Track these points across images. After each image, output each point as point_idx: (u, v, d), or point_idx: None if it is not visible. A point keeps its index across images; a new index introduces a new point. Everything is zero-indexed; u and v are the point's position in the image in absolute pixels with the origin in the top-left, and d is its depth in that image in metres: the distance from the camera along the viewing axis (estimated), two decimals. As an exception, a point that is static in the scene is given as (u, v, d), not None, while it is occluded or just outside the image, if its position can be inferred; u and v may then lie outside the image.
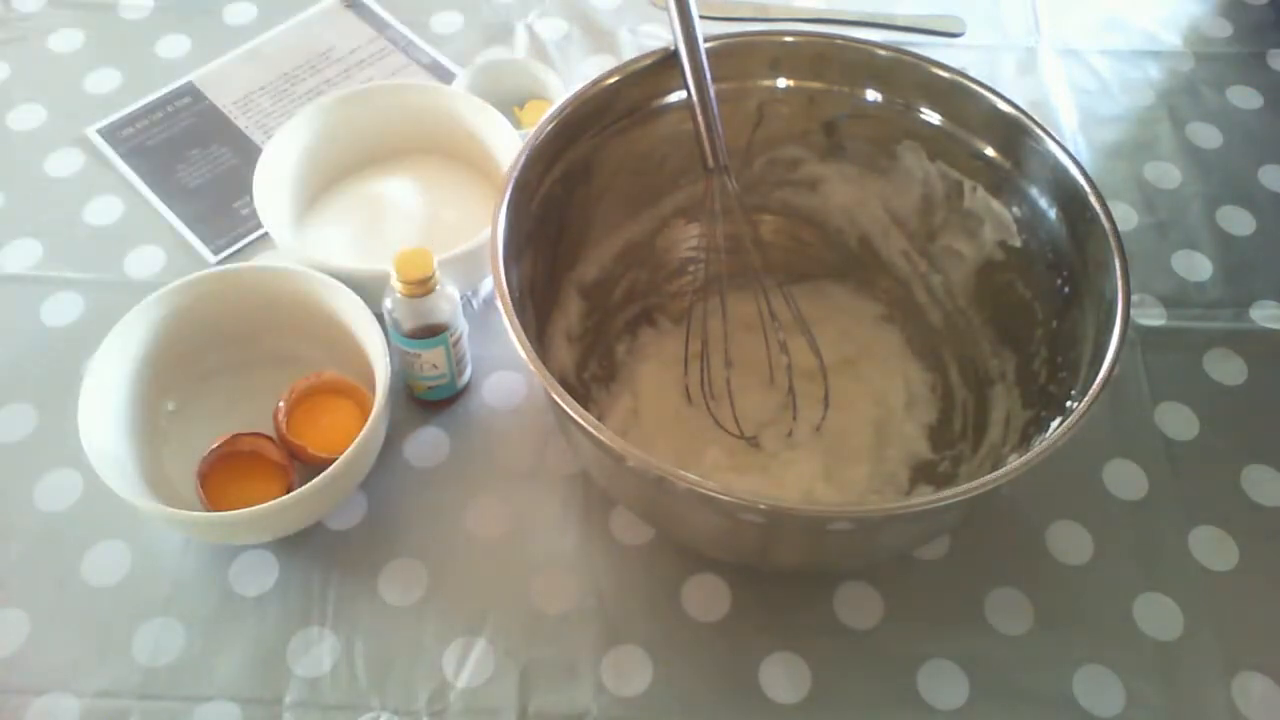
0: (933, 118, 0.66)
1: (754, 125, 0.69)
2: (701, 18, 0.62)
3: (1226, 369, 0.73)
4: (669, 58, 0.64)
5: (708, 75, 0.59)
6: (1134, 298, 0.55)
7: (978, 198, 0.66)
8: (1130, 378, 0.72)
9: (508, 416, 0.70)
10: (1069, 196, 0.60)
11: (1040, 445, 0.51)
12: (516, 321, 0.54)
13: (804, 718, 0.59)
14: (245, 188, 0.72)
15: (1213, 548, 0.65)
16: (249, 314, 0.68)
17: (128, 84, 0.87)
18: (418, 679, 0.60)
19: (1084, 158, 0.83)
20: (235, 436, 0.63)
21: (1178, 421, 0.70)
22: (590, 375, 0.69)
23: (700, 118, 0.60)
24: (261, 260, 0.75)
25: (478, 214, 0.75)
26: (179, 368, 0.67)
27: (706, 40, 0.62)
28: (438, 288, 0.62)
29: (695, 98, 0.60)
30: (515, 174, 0.59)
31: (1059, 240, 0.61)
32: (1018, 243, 0.65)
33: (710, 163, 0.61)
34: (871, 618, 0.62)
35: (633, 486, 0.59)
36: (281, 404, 0.64)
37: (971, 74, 0.64)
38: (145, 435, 0.65)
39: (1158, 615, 0.62)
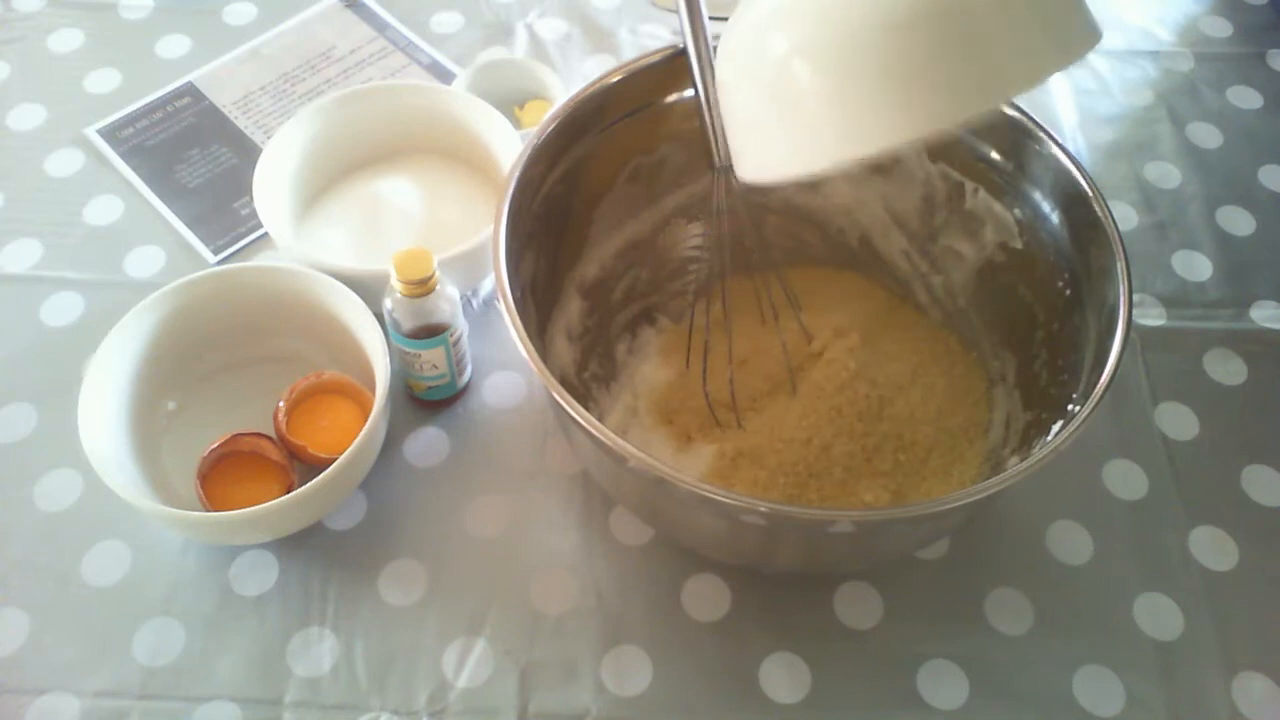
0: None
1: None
2: (711, 18, 0.62)
3: (1226, 369, 0.73)
4: (670, 57, 0.64)
5: (715, 74, 0.59)
6: (1134, 298, 0.55)
7: (979, 199, 0.66)
8: (1130, 378, 0.72)
9: (508, 416, 0.70)
10: (1071, 200, 0.60)
11: (1042, 452, 0.50)
12: (519, 320, 0.54)
13: (804, 718, 0.59)
14: (245, 188, 0.72)
15: (1213, 548, 0.65)
16: (249, 314, 0.68)
17: (128, 84, 0.87)
18: (418, 679, 0.60)
19: (1084, 157, 0.83)
20: (235, 436, 0.63)
21: (1178, 421, 0.70)
22: (590, 375, 0.69)
23: (708, 115, 0.60)
24: (261, 260, 0.76)
25: (478, 214, 0.75)
26: (179, 368, 0.67)
27: (714, 39, 0.62)
28: (438, 288, 0.62)
29: (703, 96, 0.60)
30: (517, 173, 0.59)
31: (1061, 243, 0.61)
32: (1019, 245, 0.65)
33: (717, 161, 0.61)
34: (871, 618, 0.62)
35: (633, 487, 0.59)
36: (281, 404, 0.64)
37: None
38: (145, 435, 0.65)
39: (1158, 615, 0.62)
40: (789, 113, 0.49)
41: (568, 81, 0.84)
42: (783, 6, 0.49)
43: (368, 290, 0.65)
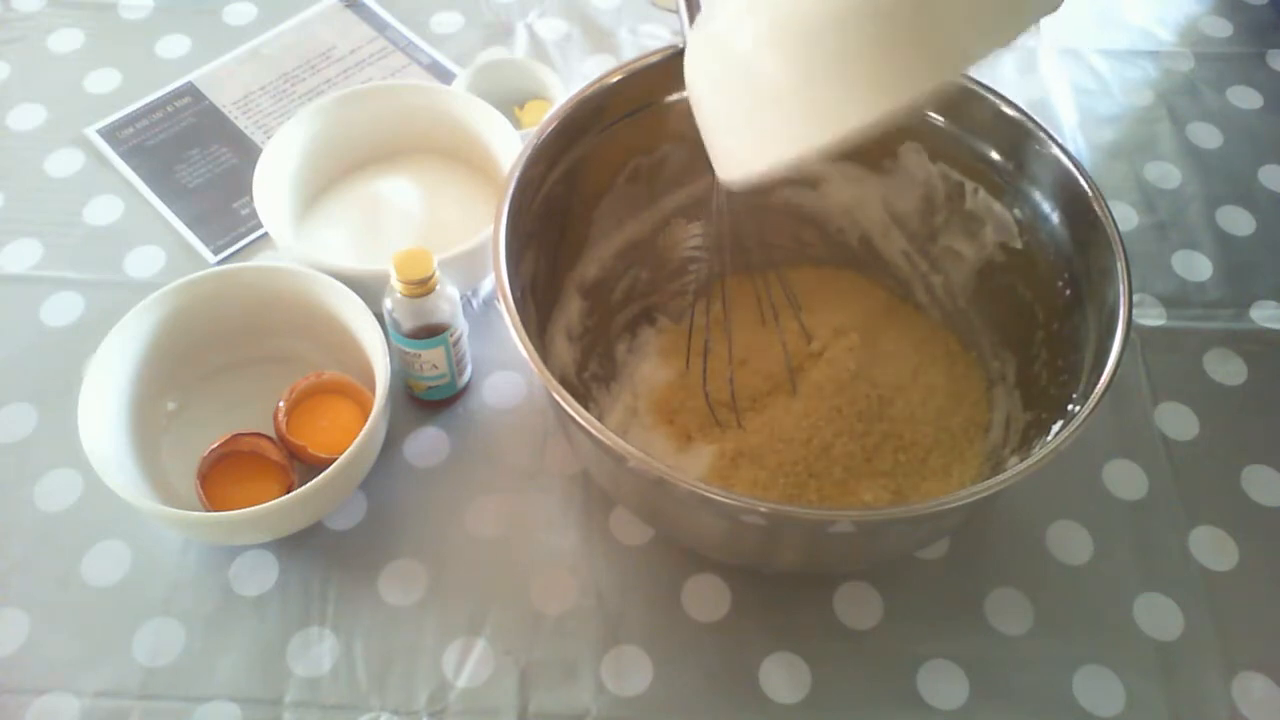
0: (936, 119, 0.65)
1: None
2: None
3: (1226, 369, 0.73)
4: (670, 57, 0.64)
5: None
6: (1134, 298, 0.55)
7: (979, 199, 0.66)
8: (1130, 378, 0.72)
9: (508, 416, 0.70)
10: (1072, 200, 0.60)
11: (1041, 452, 0.50)
12: (519, 320, 0.54)
13: (804, 718, 0.59)
14: (245, 188, 0.72)
15: (1213, 548, 0.65)
16: (249, 314, 0.68)
17: (128, 84, 0.87)
18: (418, 679, 0.60)
19: (1084, 157, 0.83)
20: (235, 436, 0.63)
21: (1178, 421, 0.70)
22: (590, 375, 0.69)
23: None
24: (261, 260, 0.76)
25: (478, 214, 0.75)
26: (179, 368, 0.67)
27: None
28: (438, 288, 0.62)
29: None
30: (518, 172, 0.59)
31: (1061, 244, 0.61)
32: (1019, 245, 0.65)
33: None
34: (871, 618, 0.62)
35: (633, 487, 0.59)
36: (281, 404, 0.64)
37: (973, 75, 0.64)
38: (145, 435, 0.65)
39: (1158, 615, 0.62)
40: (757, 106, 0.49)
41: (568, 81, 0.84)
42: (735, 9, 0.49)
43: (368, 290, 0.65)
